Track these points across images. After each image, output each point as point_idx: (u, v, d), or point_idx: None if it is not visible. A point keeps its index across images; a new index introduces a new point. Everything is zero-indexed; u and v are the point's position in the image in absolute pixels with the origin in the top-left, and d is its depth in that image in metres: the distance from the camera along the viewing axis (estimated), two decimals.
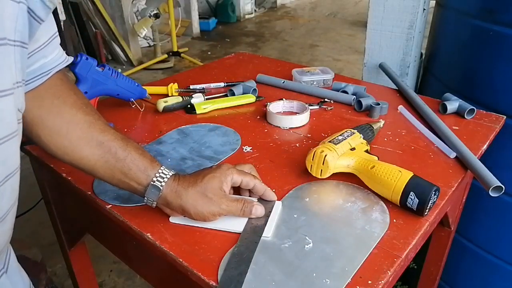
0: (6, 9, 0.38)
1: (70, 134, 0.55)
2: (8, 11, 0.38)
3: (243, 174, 0.60)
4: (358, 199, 0.65)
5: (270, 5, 6.70)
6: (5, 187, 0.43)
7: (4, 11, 0.38)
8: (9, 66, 0.40)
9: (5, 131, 0.41)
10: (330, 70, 1.14)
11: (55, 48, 0.53)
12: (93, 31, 3.79)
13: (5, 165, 0.43)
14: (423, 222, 0.60)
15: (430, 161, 0.76)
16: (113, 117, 0.94)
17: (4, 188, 0.43)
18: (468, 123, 0.90)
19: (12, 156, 0.43)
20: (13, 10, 0.39)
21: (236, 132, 0.87)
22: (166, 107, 0.96)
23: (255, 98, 1.02)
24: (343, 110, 0.98)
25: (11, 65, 0.40)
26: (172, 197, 0.56)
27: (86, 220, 0.88)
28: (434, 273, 1.12)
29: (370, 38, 1.28)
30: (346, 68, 3.88)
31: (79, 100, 0.57)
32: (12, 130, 0.42)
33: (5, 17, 0.38)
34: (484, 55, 0.96)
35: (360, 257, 0.54)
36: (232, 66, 1.31)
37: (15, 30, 0.40)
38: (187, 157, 0.78)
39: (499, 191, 0.68)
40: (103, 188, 0.67)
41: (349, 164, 0.69)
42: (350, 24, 5.53)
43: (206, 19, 5.31)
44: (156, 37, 4.06)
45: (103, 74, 0.86)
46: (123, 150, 0.56)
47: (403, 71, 1.26)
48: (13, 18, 0.39)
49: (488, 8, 0.92)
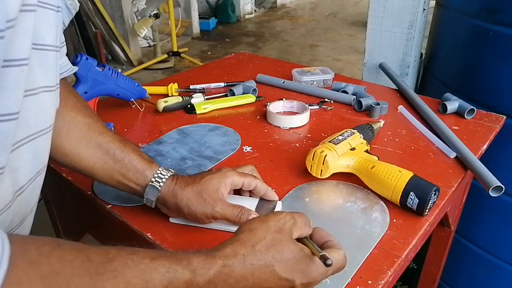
0: (51, 17, 0.41)
1: (70, 135, 0.55)
2: (53, 19, 0.41)
3: (244, 176, 0.60)
4: (358, 199, 0.65)
5: (270, 5, 6.70)
6: (37, 182, 0.45)
7: (51, 20, 0.41)
8: (55, 69, 0.44)
9: (45, 124, 0.43)
10: (330, 70, 1.14)
11: (62, 56, 0.54)
12: (93, 31, 3.79)
13: (40, 159, 0.44)
14: (423, 222, 0.60)
15: (430, 161, 0.76)
16: (113, 117, 0.94)
17: (36, 182, 0.44)
18: (468, 123, 0.90)
19: (45, 151, 0.45)
20: (55, 18, 0.41)
21: (236, 132, 0.87)
22: (166, 107, 0.96)
23: (255, 98, 1.02)
24: (343, 110, 0.98)
25: (56, 68, 0.45)
26: (169, 197, 0.56)
27: (86, 220, 0.88)
28: (434, 273, 1.12)
29: (370, 38, 1.28)
30: (346, 68, 3.88)
31: (79, 102, 0.58)
32: (50, 123, 0.45)
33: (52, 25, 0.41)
34: (484, 55, 0.96)
35: (360, 257, 0.54)
36: (232, 66, 1.31)
37: (56, 36, 0.43)
38: (187, 157, 0.78)
39: (499, 191, 0.68)
40: (103, 188, 0.67)
41: (349, 164, 0.69)
42: (350, 24, 5.53)
43: (206, 19, 5.30)
44: (156, 37, 4.06)
45: (103, 74, 0.86)
46: (121, 151, 0.57)
47: (403, 71, 1.26)
48: (55, 25, 0.42)
49: (488, 8, 0.92)
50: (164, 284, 0.35)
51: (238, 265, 0.39)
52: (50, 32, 0.41)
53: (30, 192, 0.44)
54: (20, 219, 0.45)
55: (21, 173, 0.41)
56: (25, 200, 0.43)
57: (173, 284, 0.35)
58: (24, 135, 0.40)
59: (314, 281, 0.42)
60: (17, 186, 0.41)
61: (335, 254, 0.44)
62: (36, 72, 0.39)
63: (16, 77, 0.34)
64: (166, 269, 0.35)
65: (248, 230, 0.42)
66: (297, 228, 0.45)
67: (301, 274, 0.41)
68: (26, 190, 0.42)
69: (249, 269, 0.39)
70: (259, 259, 0.40)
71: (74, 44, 3.69)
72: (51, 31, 0.41)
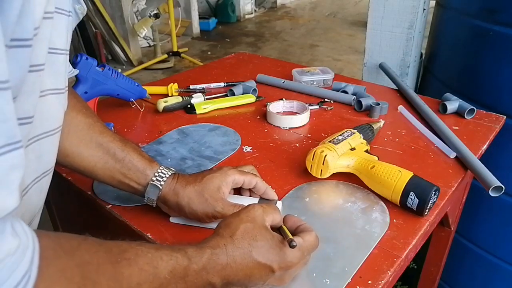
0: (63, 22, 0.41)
1: (70, 135, 0.55)
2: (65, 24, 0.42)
3: (245, 174, 0.60)
4: (358, 199, 0.65)
5: (270, 5, 6.70)
6: (42, 183, 0.45)
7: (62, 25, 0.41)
8: (64, 71, 0.45)
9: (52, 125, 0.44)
10: (330, 70, 1.14)
11: None
12: (93, 31, 3.79)
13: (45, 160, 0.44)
14: (423, 222, 0.60)
15: (430, 161, 0.76)
16: (113, 117, 0.94)
17: (41, 184, 0.45)
18: (468, 123, 0.90)
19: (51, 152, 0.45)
20: (66, 23, 0.42)
21: (236, 132, 0.87)
22: (166, 107, 0.96)
23: (255, 98, 1.02)
24: (343, 110, 0.98)
25: (65, 71, 0.45)
26: (170, 195, 0.57)
27: (86, 220, 0.88)
28: (434, 273, 1.12)
29: (370, 38, 1.28)
30: (346, 68, 3.88)
31: (79, 103, 0.58)
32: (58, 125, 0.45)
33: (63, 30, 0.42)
34: (484, 55, 0.96)
35: (360, 257, 0.54)
36: (232, 66, 1.31)
37: (66, 40, 0.44)
38: (187, 157, 0.78)
39: (499, 191, 0.68)
40: (103, 188, 0.67)
41: (349, 164, 0.69)
42: (350, 24, 5.53)
43: (206, 19, 5.30)
44: (156, 37, 4.06)
45: (103, 74, 0.86)
46: (121, 151, 0.57)
47: (403, 71, 1.26)
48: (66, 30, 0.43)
49: (488, 8, 0.92)
50: (169, 270, 0.39)
51: (221, 254, 0.43)
52: (61, 36, 0.42)
53: (35, 193, 0.44)
54: (27, 221, 0.45)
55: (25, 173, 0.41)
56: (31, 201, 0.43)
57: (175, 270, 0.40)
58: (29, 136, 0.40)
59: (291, 264, 0.46)
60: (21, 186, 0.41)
61: (308, 236, 0.48)
62: (45, 75, 0.40)
63: (34, 82, 0.35)
64: (169, 257, 0.40)
65: (225, 225, 0.47)
66: (268, 214, 0.48)
67: (277, 258, 0.45)
68: (30, 191, 0.42)
69: (231, 257, 0.43)
70: (238, 247, 0.44)
71: (74, 44, 3.69)
72: (62, 35, 0.42)
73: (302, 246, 0.47)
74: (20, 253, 0.27)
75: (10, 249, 0.26)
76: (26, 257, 0.28)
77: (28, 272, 0.27)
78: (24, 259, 0.27)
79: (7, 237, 0.27)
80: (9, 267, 0.26)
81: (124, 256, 0.37)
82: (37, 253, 0.29)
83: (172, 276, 0.39)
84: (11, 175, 0.27)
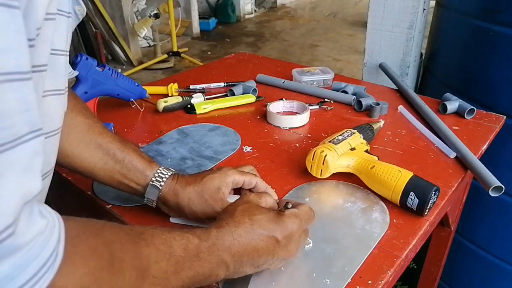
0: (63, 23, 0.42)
1: (70, 136, 0.55)
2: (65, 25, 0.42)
3: (245, 174, 0.60)
4: (358, 199, 0.65)
5: (270, 5, 6.70)
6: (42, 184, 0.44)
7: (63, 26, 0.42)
8: (64, 72, 0.45)
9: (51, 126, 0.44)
10: (330, 70, 1.14)
11: None
12: (93, 31, 3.79)
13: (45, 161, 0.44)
14: (423, 222, 0.60)
15: (430, 161, 0.76)
16: (113, 117, 0.94)
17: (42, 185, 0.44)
18: (468, 123, 0.90)
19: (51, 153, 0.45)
20: (66, 24, 0.42)
21: (236, 132, 0.87)
22: (166, 107, 0.96)
23: (255, 98, 1.02)
24: (343, 110, 0.98)
25: (65, 72, 0.46)
26: (170, 196, 0.57)
27: None
28: (434, 273, 1.12)
29: (370, 38, 1.28)
30: (346, 68, 3.88)
31: (78, 104, 0.59)
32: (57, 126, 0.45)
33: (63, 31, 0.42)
34: (484, 55, 0.96)
35: (360, 257, 0.54)
36: (232, 66, 1.31)
37: (66, 41, 0.44)
38: (187, 157, 0.78)
39: (499, 191, 0.68)
40: (103, 188, 0.67)
41: (349, 164, 0.69)
42: (350, 24, 5.53)
43: (206, 19, 5.31)
44: (156, 37, 4.06)
45: (103, 74, 0.86)
46: (121, 152, 0.57)
47: (403, 71, 1.26)
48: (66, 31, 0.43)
49: (488, 8, 0.92)
50: (182, 248, 0.42)
51: (226, 232, 0.46)
52: (62, 37, 0.42)
53: None
54: None
55: None
56: None
57: (188, 248, 0.43)
58: None
59: (292, 231, 0.48)
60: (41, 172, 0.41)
61: (302, 206, 0.51)
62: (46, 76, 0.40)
63: (37, 82, 0.36)
64: (181, 237, 0.43)
65: (223, 211, 0.50)
66: (261, 197, 0.52)
67: (278, 227, 0.47)
68: None
69: (235, 233, 0.46)
70: (239, 223, 0.47)
71: (74, 44, 3.69)
72: (62, 36, 0.42)
73: (299, 214, 0.50)
74: (49, 232, 0.29)
75: (41, 228, 0.29)
76: (54, 235, 0.30)
77: (56, 249, 0.29)
78: (52, 237, 0.29)
79: (36, 218, 0.29)
80: (39, 245, 0.28)
81: (141, 237, 0.40)
82: (63, 232, 0.31)
83: (186, 253, 0.42)
84: (35, 160, 0.28)
